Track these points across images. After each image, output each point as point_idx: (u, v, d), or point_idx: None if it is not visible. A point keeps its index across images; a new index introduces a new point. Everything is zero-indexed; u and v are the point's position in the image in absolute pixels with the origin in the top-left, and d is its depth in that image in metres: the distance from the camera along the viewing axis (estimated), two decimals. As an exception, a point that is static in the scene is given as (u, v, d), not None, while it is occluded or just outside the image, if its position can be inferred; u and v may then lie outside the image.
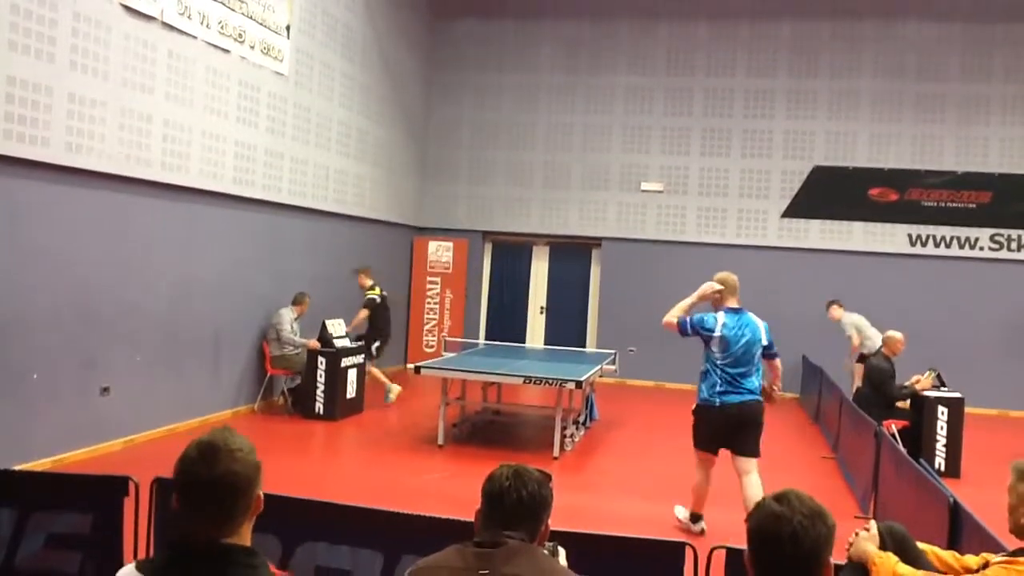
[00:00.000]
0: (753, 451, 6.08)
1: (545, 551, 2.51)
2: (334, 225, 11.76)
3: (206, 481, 1.95)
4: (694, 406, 6.31)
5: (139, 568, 1.98)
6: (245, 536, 2.01)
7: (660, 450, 9.30)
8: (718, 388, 6.11)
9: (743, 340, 6.16)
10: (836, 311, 12.01)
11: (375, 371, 10.80)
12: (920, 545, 3.28)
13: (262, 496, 2.06)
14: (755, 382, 6.16)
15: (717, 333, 6.17)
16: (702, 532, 6.26)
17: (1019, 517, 3.00)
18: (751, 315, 6.37)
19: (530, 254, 15.00)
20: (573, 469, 8.15)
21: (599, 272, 14.51)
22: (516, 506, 2.38)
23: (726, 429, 6.11)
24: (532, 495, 2.40)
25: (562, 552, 2.75)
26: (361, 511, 3.96)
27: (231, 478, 1.95)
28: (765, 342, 6.27)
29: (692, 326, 6.27)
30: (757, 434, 6.12)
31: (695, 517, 6.36)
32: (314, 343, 9.77)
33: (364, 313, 10.74)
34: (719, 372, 6.14)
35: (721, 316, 6.26)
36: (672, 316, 6.40)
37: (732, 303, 6.36)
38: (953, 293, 13.18)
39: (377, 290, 10.89)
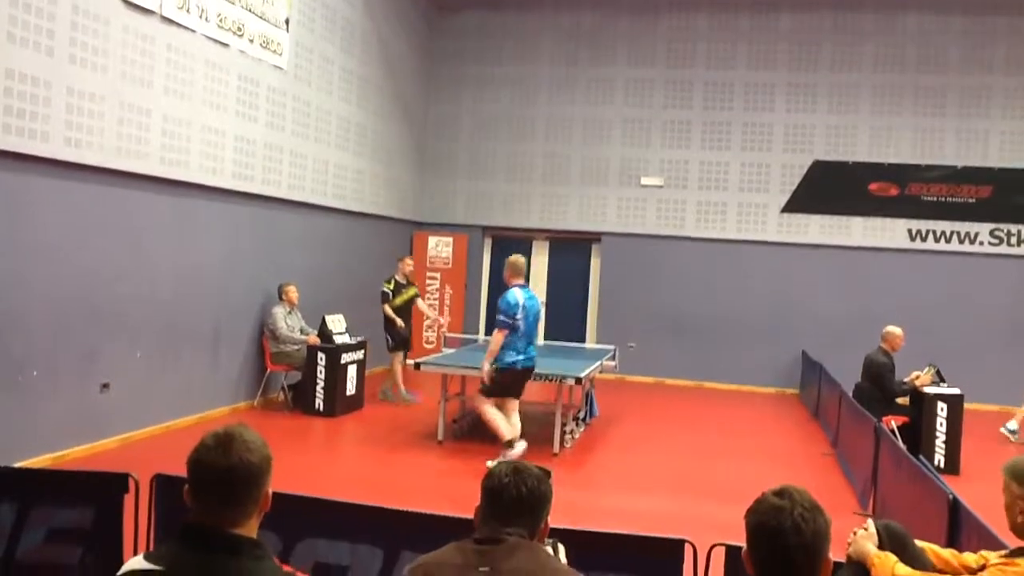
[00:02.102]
0: (521, 395, 7.92)
1: (545, 548, 2.51)
2: (333, 220, 11.76)
3: (219, 469, 2.00)
4: (497, 367, 7.60)
5: (147, 558, 2.03)
6: (252, 531, 2.06)
7: (660, 446, 9.30)
8: (520, 353, 7.63)
9: (534, 310, 7.71)
10: None
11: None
12: (919, 543, 3.28)
13: (271, 494, 2.10)
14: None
15: (521, 303, 7.55)
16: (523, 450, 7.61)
17: (1016, 516, 3.00)
18: (531, 289, 7.82)
19: (530, 249, 14.98)
20: (573, 465, 8.15)
21: (599, 267, 14.51)
22: (516, 503, 2.38)
23: (524, 381, 7.83)
24: (531, 491, 2.40)
25: (562, 549, 2.75)
26: (360, 507, 3.96)
27: (243, 468, 2.01)
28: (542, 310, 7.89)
29: (509, 316, 7.52)
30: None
31: (511, 443, 7.65)
32: (313, 339, 9.76)
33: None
34: (520, 341, 7.61)
35: (518, 292, 7.62)
36: (495, 344, 7.63)
37: (520, 280, 7.75)
38: (953, 288, 13.17)
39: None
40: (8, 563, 3.86)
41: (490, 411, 7.76)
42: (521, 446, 7.69)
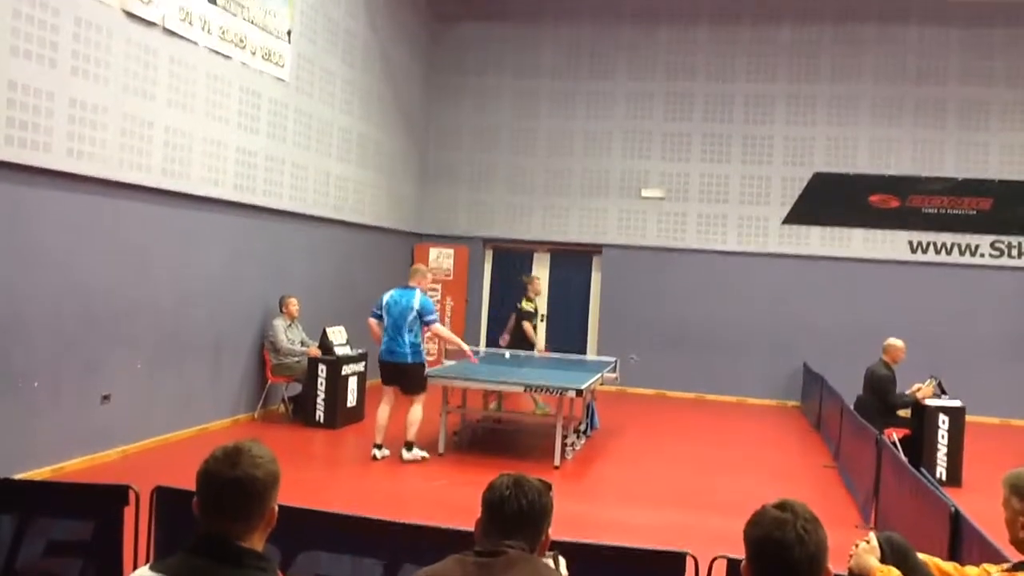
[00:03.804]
0: (411, 391, 8.35)
1: (546, 561, 2.50)
2: (335, 232, 11.76)
3: (226, 481, 2.04)
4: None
5: (154, 568, 2.06)
6: (258, 545, 2.09)
7: (661, 458, 9.28)
8: (384, 346, 8.37)
9: (399, 307, 8.32)
10: None
11: None
12: (921, 556, 3.26)
13: (276, 510, 2.13)
14: (406, 342, 8.25)
15: (384, 301, 8.42)
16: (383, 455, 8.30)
17: (1017, 531, 2.99)
18: (417, 291, 8.40)
19: (531, 261, 15.00)
20: (574, 478, 8.13)
21: (600, 279, 14.50)
22: (516, 515, 2.37)
23: (388, 374, 8.41)
24: (532, 504, 2.40)
25: (563, 562, 2.74)
26: (361, 520, 3.95)
27: (249, 481, 2.05)
28: (416, 309, 8.28)
29: (374, 307, 8.59)
30: (410, 381, 8.35)
31: (379, 446, 8.31)
32: (314, 351, 9.76)
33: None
34: (387, 333, 8.36)
35: (391, 291, 8.51)
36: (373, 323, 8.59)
37: (411, 282, 8.52)
38: (954, 300, 13.17)
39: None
40: (8, 574, 3.85)
41: (378, 411, 8.45)
42: (383, 453, 8.32)
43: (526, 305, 11.40)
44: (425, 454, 8.31)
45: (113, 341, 7.63)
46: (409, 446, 8.27)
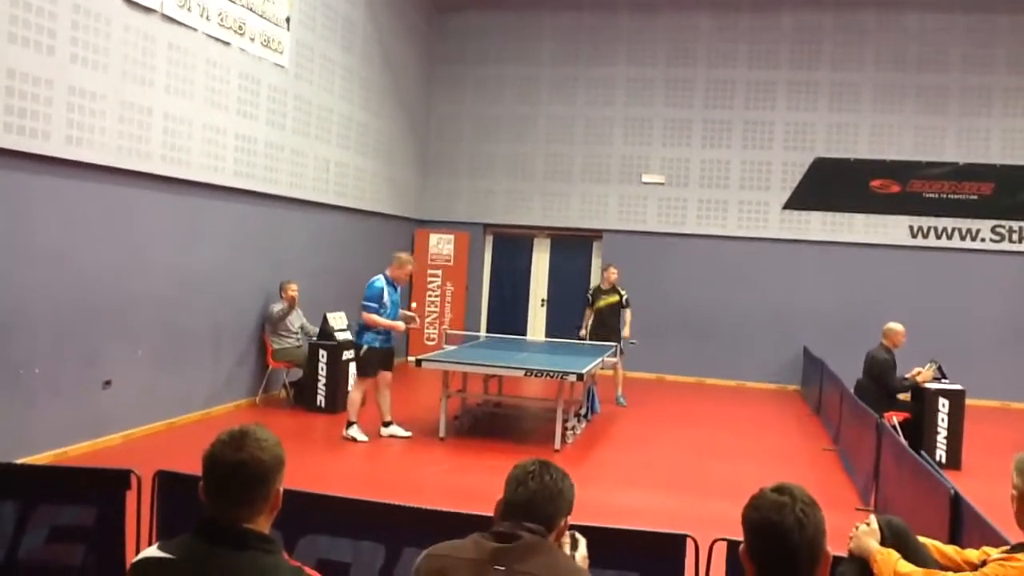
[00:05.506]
0: (357, 374, 8.69)
1: (566, 541, 2.52)
2: (335, 218, 11.76)
3: (231, 463, 2.07)
4: None
5: (162, 547, 2.10)
6: (264, 528, 2.12)
7: (661, 442, 9.31)
8: None
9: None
10: None
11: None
12: (921, 539, 3.28)
13: (281, 492, 2.16)
14: (359, 323, 8.54)
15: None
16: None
17: (1017, 509, 3.00)
18: (380, 276, 8.57)
19: (531, 246, 14.99)
20: (574, 461, 8.15)
21: (600, 264, 14.48)
22: (538, 495, 2.37)
23: None
24: (550, 489, 2.39)
25: (583, 541, 2.73)
26: (362, 504, 3.96)
27: (254, 464, 2.08)
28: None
29: None
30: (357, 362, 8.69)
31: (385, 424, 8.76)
32: (292, 291, 9.81)
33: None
34: None
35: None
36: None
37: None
38: (954, 285, 13.16)
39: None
40: (11, 560, 3.87)
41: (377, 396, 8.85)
42: (387, 431, 8.78)
43: (589, 296, 11.59)
44: (357, 436, 8.46)
45: (114, 327, 7.64)
46: (348, 424, 8.54)
